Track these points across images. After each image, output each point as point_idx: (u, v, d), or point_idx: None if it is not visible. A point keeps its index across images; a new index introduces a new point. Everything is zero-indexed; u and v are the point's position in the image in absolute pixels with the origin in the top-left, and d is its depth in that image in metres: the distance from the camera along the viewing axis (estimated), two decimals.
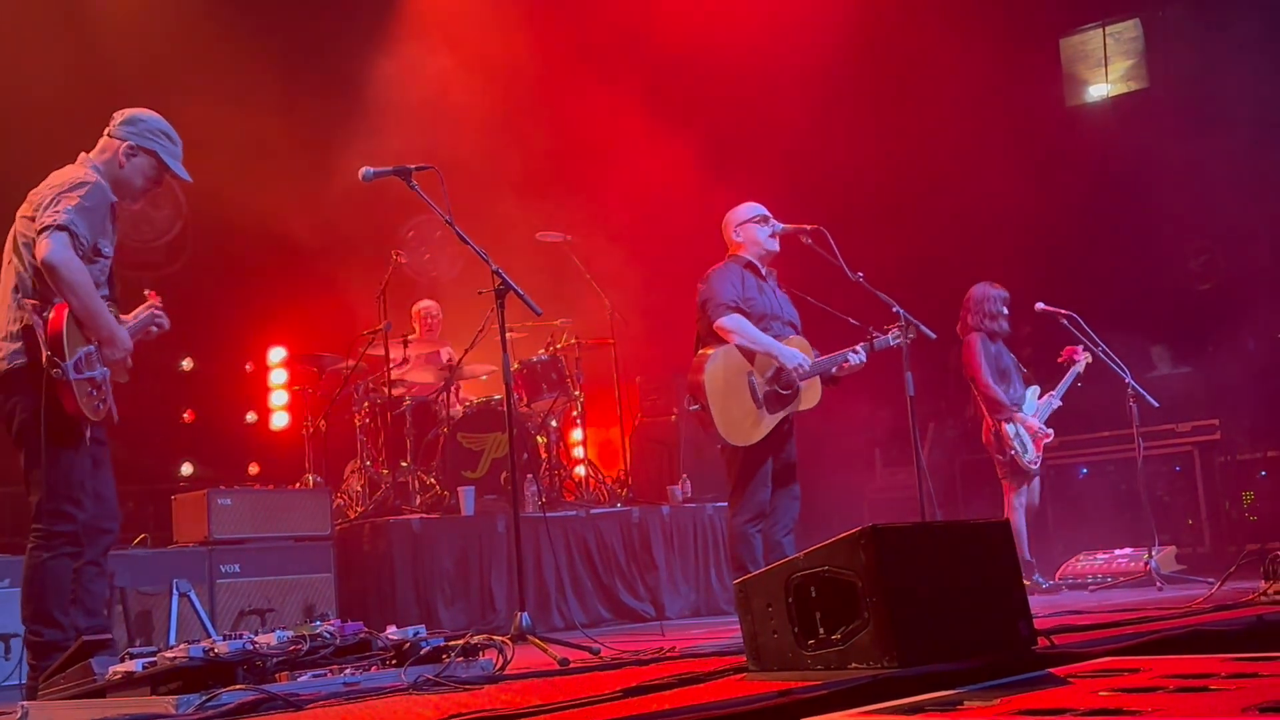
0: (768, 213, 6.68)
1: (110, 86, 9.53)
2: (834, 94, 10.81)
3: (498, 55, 11.14)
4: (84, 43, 9.59)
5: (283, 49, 10.60)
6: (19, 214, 4.95)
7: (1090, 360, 8.46)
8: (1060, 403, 8.53)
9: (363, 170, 5.68)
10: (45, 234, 4.70)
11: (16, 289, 4.88)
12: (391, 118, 10.75)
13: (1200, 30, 11.48)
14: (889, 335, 6.60)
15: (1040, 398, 8.54)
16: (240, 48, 10.13)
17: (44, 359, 4.69)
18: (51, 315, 4.72)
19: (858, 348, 6.58)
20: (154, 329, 5.28)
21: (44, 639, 4.74)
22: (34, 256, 4.78)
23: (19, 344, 4.82)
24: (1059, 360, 8.47)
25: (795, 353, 6.37)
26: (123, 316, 5.15)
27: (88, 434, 4.90)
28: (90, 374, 4.80)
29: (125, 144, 5.07)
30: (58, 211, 4.74)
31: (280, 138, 10.13)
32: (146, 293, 5.47)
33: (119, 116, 5.15)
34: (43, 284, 4.82)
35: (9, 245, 4.97)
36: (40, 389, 4.70)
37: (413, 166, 5.72)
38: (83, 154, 5.11)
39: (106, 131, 5.14)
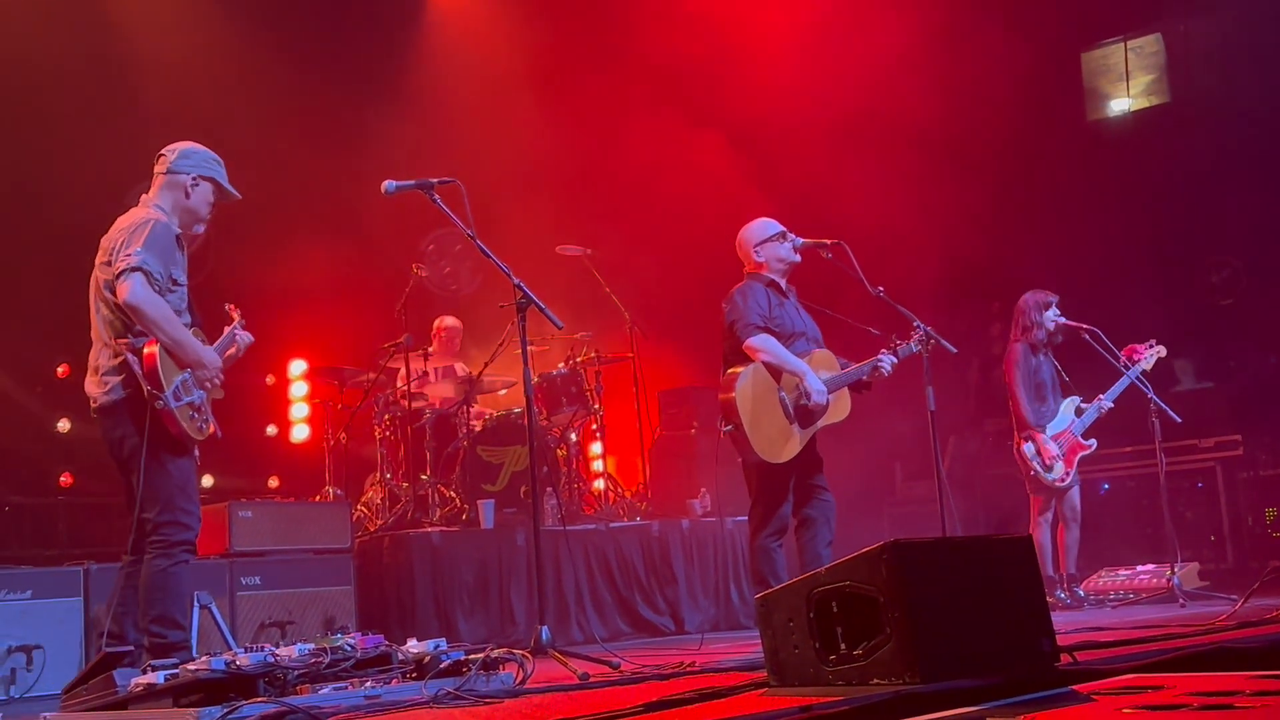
0: (783, 228, 6.64)
1: (132, 95, 9.62)
2: (856, 108, 10.80)
3: (522, 69, 11.18)
4: (104, 49, 9.64)
5: (306, 58, 10.64)
6: (97, 261, 5.32)
7: (1163, 355, 8.28)
8: (1110, 405, 8.39)
9: (385, 183, 5.70)
10: (122, 277, 5.09)
11: (106, 329, 5.26)
12: (415, 129, 10.79)
13: (1221, 44, 11.45)
14: (911, 343, 6.56)
15: (1087, 403, 8.43)
16: (262, 57, 10.18)
17: (145, 393, 5.08)
18: (145, 352, 5.11)
19: (883, 356, 6.53)
20: (235, 349, 5.68)
21: (168, 640, 5.11)
22: (116, 299, 5.14)
23: (119, 378, 5.20)
24: (1120, 360, 8.30)
25: (820, 383, 6.32)
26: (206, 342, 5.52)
27: (195, 451, 5.34)
28: (189, 399, 5.21)
29: (190, 176, 5.43)
30: (129, 255, 5.11)
31: (302, 149, 10.17)
32: (227, 307, 5.81)
33: (171, 154, 5.46)
34: (130, 322, 5.19)
35: (93, 291, 5.33)
36: (144, 418, 5.10)
37: (435, 180, 5.74)
38: (143, 196, 5.45)
39: (164, 169, 5.44)
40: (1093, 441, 8.38)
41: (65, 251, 8.72)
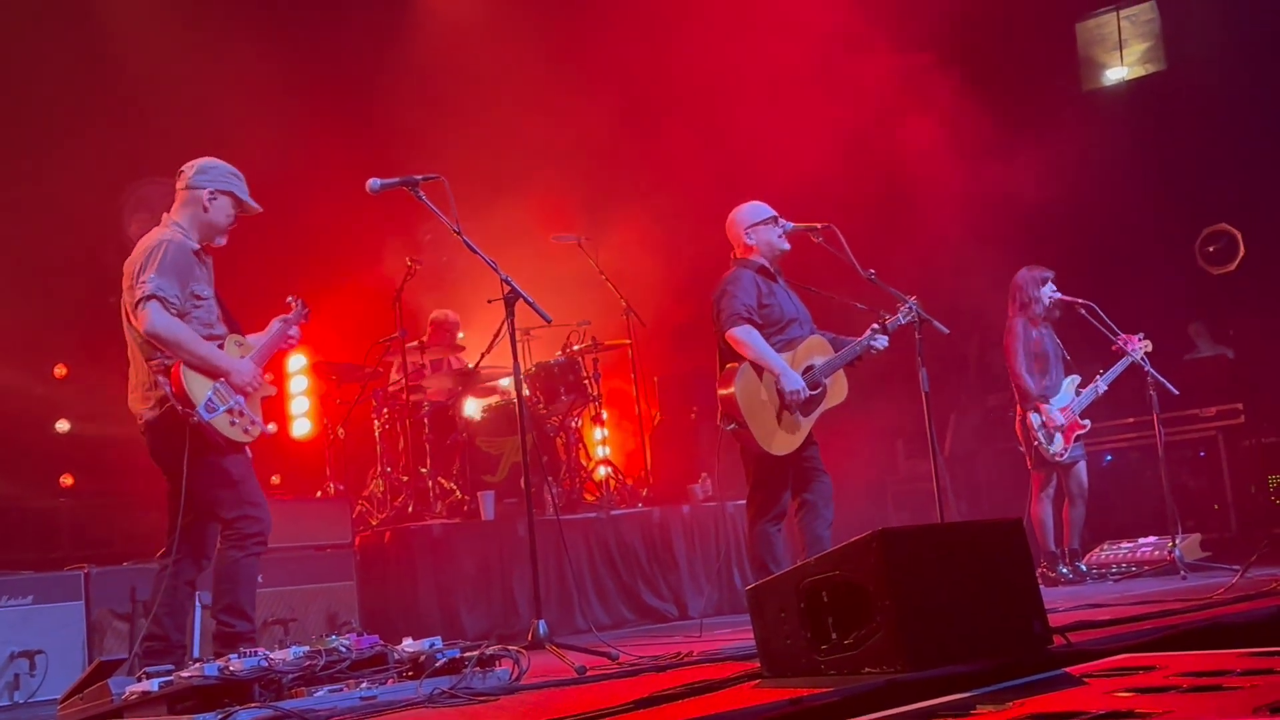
0: (775, 212, 6.60)
1: (124, 93, 9.61)
2: (845, 83, 10.73)
3: (511, 58, 11.13)
4: (94, 45, 9.62)
5: (296, 54, 10.60)
6: (124, 285, 5.38)
7: (1150, 349, 8.27)
8: (1105, 390, 8.38)
9: (370, 182, 5.69)
10: (139, 308, 5.20)
11: (138, 351, 5.39)
12: (407, 121, 10.75)
13: (1217, 12, 11.37)
14: (899, 315, 6.49)
15: (1083, 386, 8.44)
16: (252, 54, 10.13)
17: (179, 411, 5.21)
18: (171, 374, 5.22)
19: (876, 338, 6.47)
20: (290, 339, 5.83)
21: (235, 630, 5.23)
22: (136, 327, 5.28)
23: (157, 393, 5.31)
24: (1112, 349, 8.30)
25: (795, 376, 6.26)
26: (247, 340, 5.64)
27: (247, 452, 5.46)
28: (225, 407, 5.31)
29: (206, 190, 5.50)
30: (143, 283, 5.22)
31: (295, 142, 10.14)
32: (289, 300, 5.94)
33: (190, 170, 5.54)
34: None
35: (124, 313, 5.40)
36: (184, 433, 5.22)
37: (419, 176, 5.73)
38: (165, 214, 5.56)
39: (183, 184, 5.54)
40: (1088, 422, 8.42)
41: (60, 251, 8.76)
